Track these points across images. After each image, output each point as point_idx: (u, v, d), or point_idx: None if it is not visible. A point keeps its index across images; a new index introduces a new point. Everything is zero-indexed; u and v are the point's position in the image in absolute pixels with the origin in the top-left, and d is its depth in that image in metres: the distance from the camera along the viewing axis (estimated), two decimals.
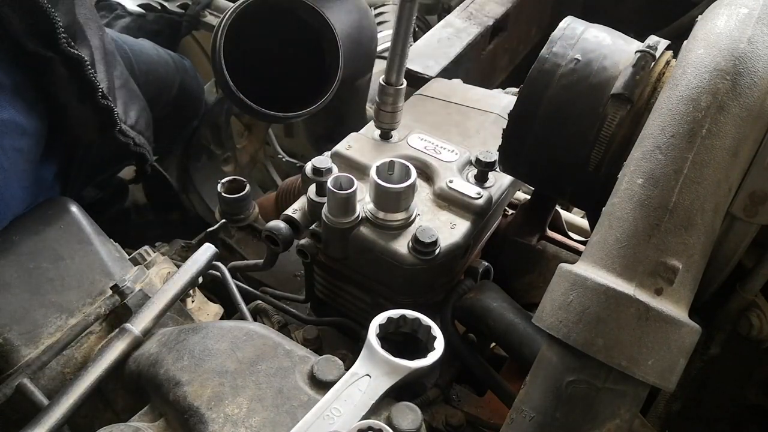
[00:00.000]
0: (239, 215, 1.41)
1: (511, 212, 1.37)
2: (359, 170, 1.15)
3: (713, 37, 0.74)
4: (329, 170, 1.10)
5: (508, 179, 1.18)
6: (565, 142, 0.94)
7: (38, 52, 1.03)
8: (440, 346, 0.86)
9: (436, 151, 1.20)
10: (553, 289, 0.73)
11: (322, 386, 0.84)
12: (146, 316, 0.98)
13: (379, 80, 1.18)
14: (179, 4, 1.90)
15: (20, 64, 1.04)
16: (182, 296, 1.06)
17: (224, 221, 1.45)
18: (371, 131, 1.25)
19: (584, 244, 1.19)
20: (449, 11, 2.11)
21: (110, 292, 1.04)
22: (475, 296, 1.12)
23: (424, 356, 0.84)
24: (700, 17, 0.81)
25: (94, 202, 1.65)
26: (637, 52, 0.90)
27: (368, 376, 0.82)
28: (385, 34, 2.01)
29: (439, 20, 2.17)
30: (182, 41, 1.95)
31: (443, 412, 1.11)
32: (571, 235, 1.39)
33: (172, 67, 1.70)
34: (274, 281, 1.41)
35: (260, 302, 1.29)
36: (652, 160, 0.71)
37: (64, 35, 1.03)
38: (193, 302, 1.17)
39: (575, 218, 1.61)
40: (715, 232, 0.72)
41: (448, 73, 1.76)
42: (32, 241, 1.08)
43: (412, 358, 0.84)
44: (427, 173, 1.18)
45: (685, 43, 0.79)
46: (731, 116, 0.70)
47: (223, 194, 1.37)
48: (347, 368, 0.84)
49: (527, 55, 2.37)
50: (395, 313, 0.88)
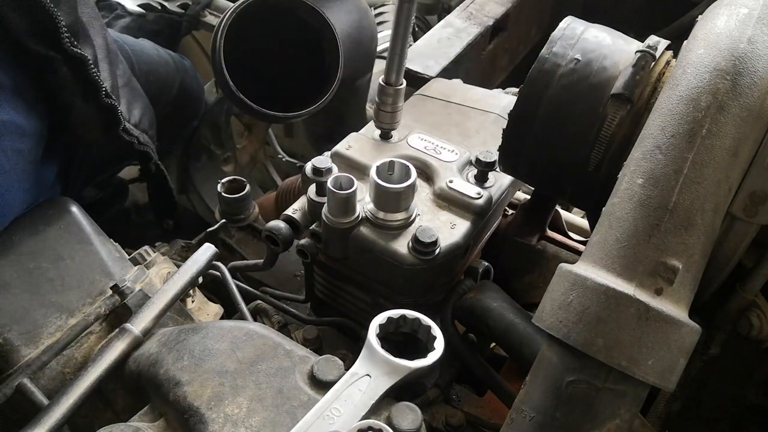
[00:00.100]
0: (239, 215, 1.41)
1: (511, 212, 1.37)
2: (359, 170, 1.15)
3: (713, 37, 0.74)
4: (329, 170, 1.10)
5: (508, 179, 1.18)
6: (565, 142, 0.94)
7: (40, 51, 1.02)
8: (440, 346, 0.86)
9: (436, 151, 1.20)
10: (553, 289, 0.73)
11: (322, 386, 0.84)
12: (146, 316, 0.98)
13: (378, 80, 1.18)
14: (179, 4, 1.90)
15: (21, 64, 1.03)
16: (182, 296, 1.06)
17: (224, 221, 1.45)
18: (371, 131, 1.25)
19: (584, 244, 1.19)
20: (449, 11, 2.11)
21: (110, 292, 1.04)
22: (475, 296, 1.12)
23: (424, 356, 0.84)
24: (700, 17, 0.81)
25: (94, 202, 1.65)
26: (637, 52, 0.90)
27: (368, 376, 0.82)
28: (384, 34, 2.01)
29: (439, 20, 2.17)
30: (182, 41, 1.95)
31: (443, 412, 1.11)
32: (571, 235, 1.39)
33: (172, 67, 1.70)
34: (274, 281, 1.41)
35: (260, 302, 1.29)
36: (652, 160, 0.71)
37: (66, 35, 1.03)
38: (193, 302, 1.17)
39: (575, 218, 1.61)
40: (715, 232, 0.72)
41: (448, 73, 1.76)
42: (32, 241, 1.08)
43: (412, 358, 0.84)
44: (427, 173, 1.17)
45: (685, 43, 0.79)
46: (731, 116, 0.70)
47: (223, 194, 1.37)
48: (347, 368, 0.84)
49: (527, 55, 2.36)
50: (395, 313, 0.88)
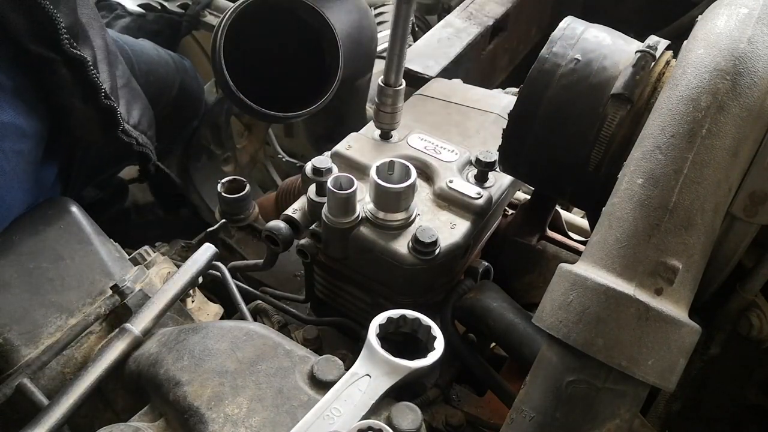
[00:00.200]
0: (239, 215, 1.41)
1: (511, 212, 1.37)
2: (359, 170, 1.15)
3: (713, 37, 0.74)
4: (329, 170, 1.10)
5: (508, 179, 1.17)
6: (565, 142, 0.94)
7: (40, 53, 1.02)
8: (440, 346, 0.86)
9: (436, 151, 1.20)
10: (553, 289, 0.73)
11: (322, 386, 0.84)
12: (146, 316, 0.98)
13: (377, 81, 1.18)
14: (179, 4, 1.90)
15: (21, 65, 1.03)
16: (182, 296, 1.06)
17: (224, 221, 1.45)
18: (371, 131, 1.25)
19: (584, 244, 1.19)
20: (449, 11, 2.11)
21: (110, 292, 1.04)
22: (475, 296, 1.12)
23: (424, 356, 0.84)
24: (700, 17, 0.81)
25: (94, 202, 1.65)
26: (637, 52, 0.90)
27: (368, 376, 0.82)
28: (384, 34, 2.00)
29: (439, 20, 2.17)
30: (182, 41, 1.95)
31: (443, 412, 1.11)
32: (571, 235, 1.39)
33: (172, 67, 1.70)
34: (274, 281, 1.41)
35: (260, 302, 1.29)
36: (652, 160, 0.71)
37: (66, 36, 1.02)
38: (193, 302, 1.17)
39: (575, 218, 1.61)
40: (715, 232, 0.72)
41: (448, 73, 1.76)
42: (32, 241, 1.08)
43: (412, 358, 0.84)
44: (427, 173, 1.17)
45: (685, 43, 0.79)
46: (731, 116, 0.70)
47: (223, 194, 1.37)
48: (347, 368, 0.84)
49: (527, 55, 2.36)
50: (395, 313, 0.88)
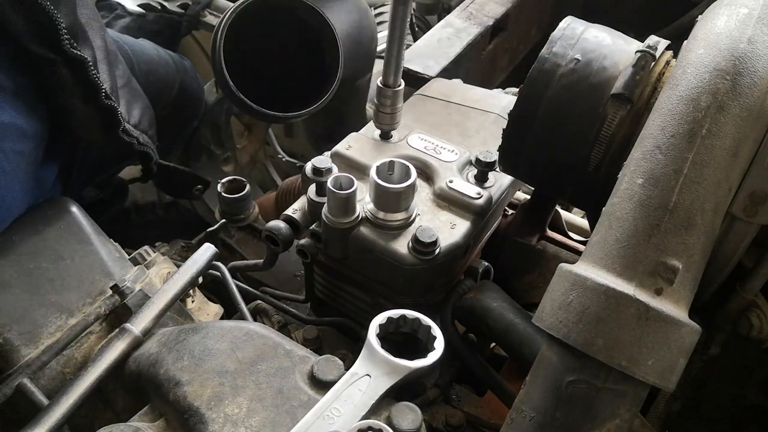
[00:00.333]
0: (239, 215, 1.42)
1: (511, 212, 1.37)
2: (359, 170, 1.15)
3: (713, 37, 0.74)
4: (329, 170, 1.10)
5: (508, 179, 1.17)
6: (565, 142, 0.94)
7: (40, 53, 1.02)
8: (440, 346, 0.86)
9: (436, 151, 1.20)
10: (553, 289, 0.73)
11: (322, 386, 0.84)
12: (146, 316, 0.98)
13: (377, 81, 1.18)
14: (179, 4, 1.90)
15: (22, 66, 1.03)
16: (182, 296, 1.06)
17: (224, 221, 1.45)
18: (371, 131, 1.25)
19: (584, 244, 1.19)
20: (449, 11, 2.11)
21: (110, 292, 1.04)
22: (475, 296, 1.12)
23: (424, 356, 0.84)
24: (700, 17, 0.81)
25: (94, 202, 1.65)
26: (637, 52, 0.90)
27: (368, 376, 0.82)
28: (384, 34, 2.00)
29: (439, 20, 2.17)
30: (182, 41, 1.95)
31: (443, 412, 1.11)
32: (571, 235, 1.39)
33: (172, 67, 1.70)
34: (274, 281, 1.41)
35: (260, 302, 1.29)
36: (652, 160, 0.71)
37: (66, 36, 1.02)
38: (193, 302, 1.17)
39: (575, 218, 1.61)
40: (715, 232, 0.72)
41: (448, 73, 1.76)
42: (32, 241, 1.08)
43: (412, 358, 0.84)
44: (427, 173, 1.17)
45: (685, 43, 0.79)
46: (731, 116, 0.70)
47: (223, 194, 1.37)
48: (347, 368, 0.84)
49: (527, 55, 2.36)
50: (395, 313, 0.88)
